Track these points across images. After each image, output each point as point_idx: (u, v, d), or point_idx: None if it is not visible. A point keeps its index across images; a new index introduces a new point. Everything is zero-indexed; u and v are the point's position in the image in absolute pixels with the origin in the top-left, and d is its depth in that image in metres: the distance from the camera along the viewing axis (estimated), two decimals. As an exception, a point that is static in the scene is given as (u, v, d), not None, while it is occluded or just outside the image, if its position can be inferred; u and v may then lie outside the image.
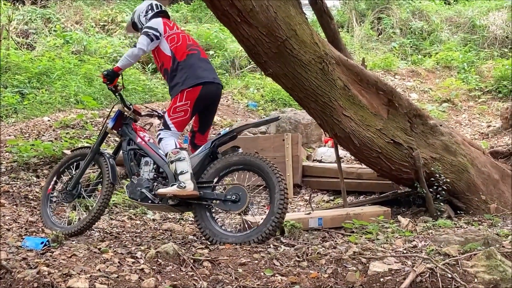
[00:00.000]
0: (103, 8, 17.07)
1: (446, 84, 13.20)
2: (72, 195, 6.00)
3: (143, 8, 6.11)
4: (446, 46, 15.20)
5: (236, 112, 11.48)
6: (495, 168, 6.89)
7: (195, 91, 5.54)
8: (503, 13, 16.08)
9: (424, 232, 5.71)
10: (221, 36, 15.37)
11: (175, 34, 5.79)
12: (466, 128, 11.14)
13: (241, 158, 5.49)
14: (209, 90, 5.62)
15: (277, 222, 5.25)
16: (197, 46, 5.88)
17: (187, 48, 5.74)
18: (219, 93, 5.84)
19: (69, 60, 12.82)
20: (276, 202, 5.25)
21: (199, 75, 5.60)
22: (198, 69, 5.64)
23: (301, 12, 6.10)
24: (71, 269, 4.11)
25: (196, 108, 5.62)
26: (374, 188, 7.70)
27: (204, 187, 5.46)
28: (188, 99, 5.54)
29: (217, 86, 5.73)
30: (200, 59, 5.75)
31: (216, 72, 5.94)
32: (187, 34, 5.96)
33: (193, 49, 5.76)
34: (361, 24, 16.89)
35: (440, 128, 6.70)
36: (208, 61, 5.90)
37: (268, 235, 5.23)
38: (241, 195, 5.40)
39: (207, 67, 5.75)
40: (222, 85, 5.87)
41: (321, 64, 6.05)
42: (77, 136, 8.70)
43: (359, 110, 6.28)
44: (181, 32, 5.89)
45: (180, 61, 5.66)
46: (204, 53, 5.94)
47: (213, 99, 5.78)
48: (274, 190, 5.29)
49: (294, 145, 8.37)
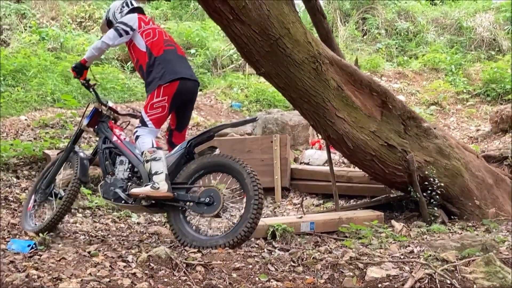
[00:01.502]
0: (80, 4, 16.96)
1: (433, 86, 13.30)
2: (45, 194, 5.99)
3: (117, 5, 6.13)
4: (433, 48, 15.30)
5: (219, 113, 11.46)
6: (489, 173, 6.95)
7: (173, 86, 5.52)
8: (490, 15, 16.24)
9: (418, 237, 5.74)
10: (202, 34, 15.34)
11: (151, 29, 5.79)
12: (455, 132, 11.22)
13: (215, 159, 5.46)
14: (186, 86, 5.61)
15: (250, 227, 5.18)
16: (174, 42, 5.89)
17: (164, 43, 5.74)
18: (196, 90, 5.83)
19: (45, 57, 12.70)
20: (250, 207, 5.18)
21: (177, 71, 5.59)
22: (176, 65, 5.64)
23: (294, 10, 6.10)
24: (61, 273, 4.06)
25: (173, 104, 5.60)
26: (365, 192, 7.73)
27: (178, 189, 5.42)
28: (165, 94, 5.52)
29: (194, 83, 5.72)
30: (178, 55, 5.75)
31: (192, 70, 5.95)
32: (163, 30, 5.96)
33: (170, 45, 5.77)
34: (345, 24, 16.96)
35: (434, 131, 6.74)
36: (185, 58, 5.89)
37: (240, 240, 5.18)
38: (214, 197, 5.36)
39: (184, 63, 5.76)
40: (199, 82, 5.87)
41: (315, 64, 6.06)
42: (57, 135, 8.62)
43: (352, 111, 6.30)
44: (157, 27, 5.89)
45: (157, 56, 5.65)
46: (181, 50, 5.95)
47: (190, 96, 5.77)
48: (248, 194, 5.24)
49: (283, 147, 8.37)
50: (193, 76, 5.73)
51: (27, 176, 7.43)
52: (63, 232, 5.87)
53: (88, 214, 6.73)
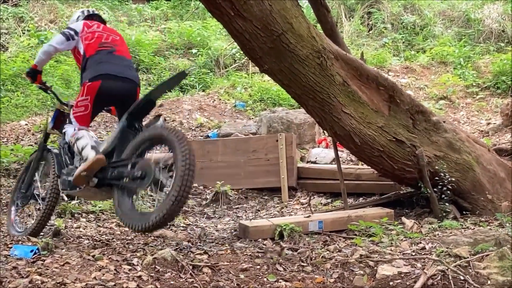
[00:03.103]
0: (79, 6, 16.98)
1: (442, 80, 13.26)
2: (26, 197, 6.09)
3: (75, 16, 6.30)
4: (441, 41, 15.27)
5: (223, 113, 11.47)
6: (501, 166, 6.93)
7: (94, 85, 5.48)
8: (498, 6, 16.19)
9: (430, 234, 5.73)
10: (204, 34, 15.36)
11: (91, 33, 5.82)
12: (465, 126, 11.19)
13: (153, 131, 5.28)
14: (111, 85, 5.51)
15: (174, 204, 4.75)
16: (114, 44, 5.82)
17: (100, 45, 5.74)
18: (132, 89, 5.65)
19: (44, 61, 12.70)
20: (175, 183, 4.82)
21: (101, 69, 5.56)
22: (102, 64, 5.61)
23: (297, 5, 6.09)
24: (65, 278, 4.08)
25: (97, 103, 5.56)
26: (374, 189, 7.72)
27: (120, 166, 5.31)
28: (88, 93, 5.50)
29: (124, 82, 5.58)
30: (112, 55, 5.71)
31: (133, 69, 5.82)
32: (109, 34, 5.94)
33: (106, 46, 5.75)
34: (350, 19, 16.92)
35: (443, 125, 6.72)
36: (123, 58, 5.78)
37: (164, 219, 4.78)
38: (146, 171, 5.11)
39: (117, 62, 5.67)
40: (136, 81, 5.68)
41: (319, 59, 6.05)
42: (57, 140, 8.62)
43: (359, 106, 6.29)
44: (101, 31, 5.91)
45: (88, 57, 5.69)
46: (125, 51, 5.88)
47: (122, 96, 5.61)
48: (176, 168, 4.90)
49: (288, 146, 8.38)
50: (125, 74, 5.60)
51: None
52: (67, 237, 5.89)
53: (92, 219, 6.75)
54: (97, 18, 6.23)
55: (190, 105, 11.50)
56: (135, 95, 5.68)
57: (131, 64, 5.88)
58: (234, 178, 8.43)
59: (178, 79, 5.89)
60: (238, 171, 8.57)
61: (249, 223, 6.12)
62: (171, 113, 10.92)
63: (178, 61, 14.36)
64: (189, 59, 14.68)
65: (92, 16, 6.22)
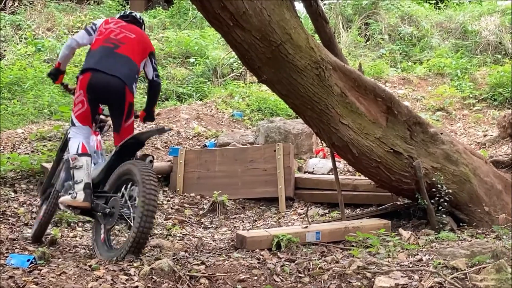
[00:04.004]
0: (76, 14, 17.01)
1: (439, 91, 13.29)
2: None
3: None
4: (438, 52, 15.31)
5: (220, 122, 11.47)
6: (498, 178, 6.94)
7: (85, 78, 5.51)
8: (496, 18, 16.24)
9: (427, 245, 5.74)
10: (202, 43, 15.38)
11: (105, 29, 5.83)
12: (462, 137, 11.20)
13: (125, 166, 5.35)
14: (99, 79, 5.51)
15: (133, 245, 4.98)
16: (122, 43, 5.76)
17: (105, 40, 5.73)
18: (117, 87, 5.57)
19: (41, 69, 12.71)
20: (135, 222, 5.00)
21: (91, 62, 5.58)
22: (96, 58, 5.60)
23: (295, 16, 6.12)
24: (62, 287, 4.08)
25: (91, 98, 5.53)
26: (371, 200, 7.72)
27: (99, 198, 5.41)
28: (81, 87, 5.52)
29: (112, 79, 5.53)
30: (112, 52, 5.67)
31: (127, 68, 5.68)
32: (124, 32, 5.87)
33: (111, 43, 5.72)
34: (348, 30, 16.96)
35: (440, 137, 6.73)
36: (124, 57, 5.70)
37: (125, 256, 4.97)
38: (114, 209, 5.29)
39: (112, 59, 5.63)
40: (124, 80, 5.58)
41: (317, 70, 6.07)
42: (55, 148, 8.63)
43: (357, 117, 6.30)
44: (117, 27, 5.88)
45: (91, 50, 5.72)
46: (130, 51, 5.78)
47: (108, 92, 5.58)
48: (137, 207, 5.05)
49: (286, 156, 8.38)
50: (112, 71, 5.55)
51: (25, 190, 7.45)
52: (63, 246, 5.88)
53: (88, 228, 6.73)
54: (130, 18, 6.21)
55: (188, 114, 11.51)
56: (123, 94, 5.60)
57: (129, 63, 5.74)
58: (232, 188, 8.43)
59: (158, 132, 6.22)
60: (235, 181, 8.57)
61: (247, 233, 6.12)
62: (168, 122, 10.93)
63: (176, 70, 14.37)
64: (186, 68, 14.70)
65: (126, 16, 6.22)
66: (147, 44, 6.00)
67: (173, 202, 8.22)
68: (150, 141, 10.02)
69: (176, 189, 8.57)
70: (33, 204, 7.00)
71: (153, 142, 10.05)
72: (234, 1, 5.71)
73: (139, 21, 6.29)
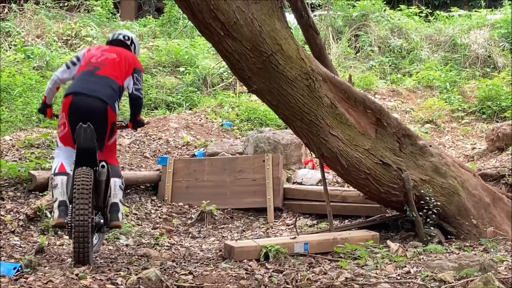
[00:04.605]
0: (66, 22, 16.96)
1: (428, 104, 13.33)
2: None
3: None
4: (427, 65, 15.37)
5: (210, 132, 11.46)
6: (486, 191, 6.96)
7: (67, 101, 5.60)
8: (485, 32, 16.33)
9: (415, 258, 5.74)
10: (192, 52, 15.37)
11: (88, 56, 5.94)
12: (450, 150, 11.24)
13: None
14: (79, 101, 5.58)
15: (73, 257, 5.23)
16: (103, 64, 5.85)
17: (87, 65, 5.83)
18: (98, 108, 5.63)
19: (30, 76, 12.65)
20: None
21: (72, 86, 5.71)
22: (77, 82, 5.73)
23: (286, 26, 6.14)
24: (49, 296, 4.05)
25: (72, 121, 5.58)
26: (360, 211, 7.73)
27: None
28: (63, 110, 5.64)
29: (93, 100, 5.59)
30: (92, 74, 5.76)
31: (109, 88, 5.75)
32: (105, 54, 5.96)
33: (92, 66, 5.82)
34: (338, 41, 17.01)
35: (429, 149, 6.76)
36: (105, 78, 5.78)
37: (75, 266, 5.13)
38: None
39: (92, 81, 5.71)
40: (106, 100, 5.65)
41: (308, 81, 6.09)
42: (43, 156, 8.59)
43: (346, 129, 6.32)
44: (99, 52, 5.98)
45: (74, 76, 5.85)
46: (111, 71, 5.85)
47: (89, 113, 5.56)
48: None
49: (275, 166, 8.38)
50: (93, 92, 5.62)
51: (12, 197, 7.40)
52: (50, 255, 5.85)
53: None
54: (117, 42, 6.26)
55: (177, 123, 11.49)
56: (104, 114, 5.65)
57: (111, 83, 5.79)
58: (220, 198, 8.42)
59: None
60: (224, 190, 8.55)
61: (235, 243, 6.11)
62: (157, 131, 10.90)
63: (166, 79, 14.34)
64: (176, 77, 14.67)
65: (114, 40, 6.28)
66: (130, 62, 6.03)
67: (161, 211, 8.20)
68: (138, 150, 10.00)
69: (164, 198, 8.55)
70: (20, 212, 6.95)
71: (142, 151, 10.03)
72: (225, 11, 5.74)
73: (126, 42, 6.30)
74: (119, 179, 5.84)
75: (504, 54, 15.63)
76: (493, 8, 18.73)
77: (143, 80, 6.19)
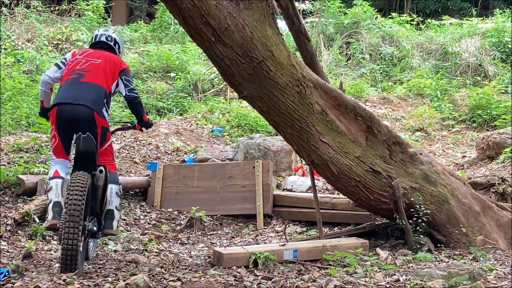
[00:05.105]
0: (57, 26, 16.93)
1: (418, 112, 13.37)
2: None
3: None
4: (418, 73, 15.41)
5: (200, 138, 11.44)
6: (476, 200, 6.98)
7: (53, 113, 5.64)
8: (476, 40, 16.41)
9: (404, 266, 5.75)
10: (183, 58, 15.37)
11: (71, 62, 5.91)
12: (441, 158, 11.27)
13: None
14: (64, 111, 5.59)
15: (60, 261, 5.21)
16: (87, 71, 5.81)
17: (71, 73, 5.80)
18: (85, 115, 5.61)
19: (20, 80, 12.61)
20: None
21: (56, 97, 5.70)
22: (62, 91, 5.72)
23: (277, 33, 6.15)
24: (35, 302, 4.02)
25: (61, 132, 5.64)
26: (349, 219, 7.74)
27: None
28: (52, 123, 5.67)
29: (78, 108, 5.57)
30: (77, 81, 5.73)
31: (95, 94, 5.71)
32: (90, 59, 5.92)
33: (76, 73, 5.78)
34: (329, 48, 17.04)
35: (420, 157, 6.77)
36: (90, 84, 5.74)
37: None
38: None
39: (77, 88, 5.68)
40: (91, 107, 5.62)
41: (298, 87, 6.10)
42: (32, 160, 8.56)
43: (337, 136, 6.33)
44: (83, 57, 5.94)
45: (59, 85, 5.86)
46: (96, 77, 5.81)
47: (76, 121, 5.59)
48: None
49: (265, 173, 8.38)
50: (78, 100, 5.59)
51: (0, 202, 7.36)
52: (37, 260, 5.82)
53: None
54: (101, 44, 6.21)
55: (167, 128, 11.47)
56: (92, 121, 5.61)
57: (96, 88, 5.75)
58: (210, 204, 8.40)
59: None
60: (213, 197, 8.54)
61: (224, 250, 6.10)
62: (147, 137, 10.88)
63: (156, 84, 14.33)
64: (167, 83, 14.67)
65: (96, 43, 6.22)
66: (116, 65, 5.99)
67: (150, 217, 8.17)
68: (128, 155, 9.98)
69: (154, 204, 8.53)
70: (8, 216, 6.91)
71: (132, 156, 10.00)
72: (216, 17, 5.74)
73: (110, 43, 6.24)
74: (116, 185, 5.83)
75: (495, 63, 15.70)
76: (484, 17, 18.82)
77: (133, 79, 6.14)
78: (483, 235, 6.68)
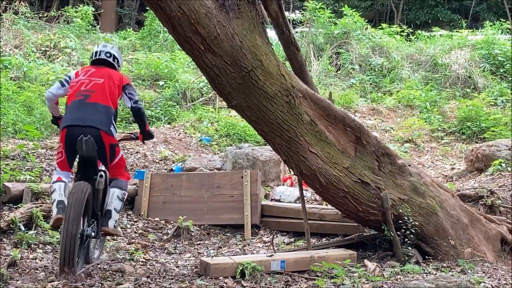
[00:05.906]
0: (45, 33, 16.93)
1: (408, 123, 13.43)
2: None
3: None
4: (407, 84, 15.48)
5: (188, 147, 11.44)
6: (464, 212, 7.00)
7: (62, 134, 5.97)
8: (466, 52, 16.51)
9: (392, 278, 5.75)
10: (172, 66, 15.38)
11: (76, 82, 6.17)
12: (429, 170, 11.31)
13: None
14: (72, 133, 5.87)
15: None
16: (92, 91, 6.05)
17: (77, 94, 6.07)
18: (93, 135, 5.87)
19: (7, 86, 12.58)
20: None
21: (66, 119, 6.01)
22: (70, 113, 6.01)
23: (267, 42, 6.16)
24: (19, 311, 4.00)
25: (68, 151, 5.96)
26: (338, 230, 7.75)
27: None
28: (60, 141, 6.02)
29: (86, 129, 5.84)
30: (83, 103, 6.00)
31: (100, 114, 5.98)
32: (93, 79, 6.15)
33: (82, 95, 6.05)
34: (319, 58, 17.09)
35: (408, 168, 6.79)
36: (95, 105, 6.01)
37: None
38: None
39: (84, 110, 5.96)
40: (98, 127, 5.90)
41: (288, 97, 6.11)
42: (18, 167, 8.53)
43: (325, 146, 6.34)
44: (86, 78, 6.17)
45: (66, 105, 6.16)
46: (100, 97, 6.06)
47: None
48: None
49: (253, 183, 8.38)
50: (85, 122, 5.89)
51: (-14, 210, 7.33)
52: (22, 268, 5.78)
53: (49, 250, 6.63)
54: (101, 61, 6.38)
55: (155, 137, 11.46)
56: (100, 140, 5.91)
57: (102, 109, 6.02)
58: (197, 214, 8.39)
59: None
60: (201, 206, 8.54)
61: (211, 260, 6.08)
62: (135, 145, 10.87)
63: (145, 92, 14.34)
64: (155, 91, 14.68)
65: (97, 60, 6.40)
66: (118, 82, 6.25)
67: (136, 226, 8.15)
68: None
69: (141, 213, 8.51)
70: (-7, 224, 6.88)
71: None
72: (206, 25, 5.76)
73: (109, 60, 6.40)
74: (120, 190, 6.11)
75: (484, 75, 15.80)
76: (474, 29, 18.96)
77: (136, 91, 6.44)
78: (471, 247, 6.69)
